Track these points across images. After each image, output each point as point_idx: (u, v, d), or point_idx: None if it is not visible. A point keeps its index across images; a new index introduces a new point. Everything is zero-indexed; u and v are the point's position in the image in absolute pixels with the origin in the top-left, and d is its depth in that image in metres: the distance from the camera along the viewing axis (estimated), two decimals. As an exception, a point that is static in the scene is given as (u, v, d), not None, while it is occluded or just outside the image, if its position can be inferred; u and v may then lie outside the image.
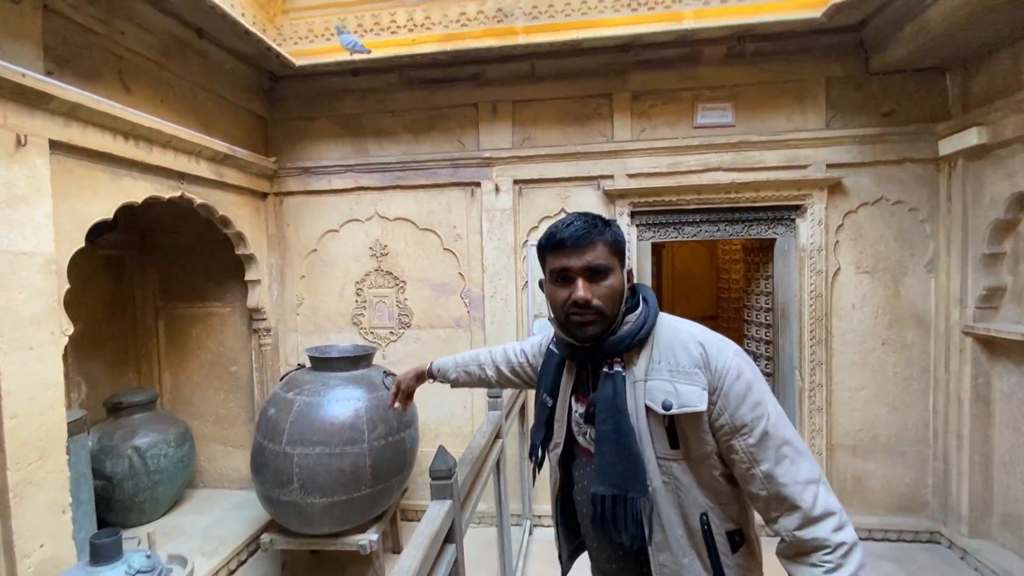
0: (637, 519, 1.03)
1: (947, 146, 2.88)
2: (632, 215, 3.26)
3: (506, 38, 3.02)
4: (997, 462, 2.85)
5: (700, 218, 3.24)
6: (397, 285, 3.55)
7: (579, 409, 1.18)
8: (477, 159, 3.37)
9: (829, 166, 3.08)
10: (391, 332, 3.57)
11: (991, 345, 2.84)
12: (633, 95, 3.24)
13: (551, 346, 1.29)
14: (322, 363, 2.87)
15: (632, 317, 1.09)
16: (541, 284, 1.22)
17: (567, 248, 1.05)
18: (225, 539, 3.02)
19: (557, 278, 1.09)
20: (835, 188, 3.09)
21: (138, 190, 2.50)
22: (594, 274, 1.05)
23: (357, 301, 3.59)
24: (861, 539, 3.27)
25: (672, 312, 1.17)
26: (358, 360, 2.90)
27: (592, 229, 1.06)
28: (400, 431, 2.77)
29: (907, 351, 3.12)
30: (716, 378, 1.00)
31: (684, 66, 3.17)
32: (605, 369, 1.08)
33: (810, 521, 0.94)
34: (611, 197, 3.25)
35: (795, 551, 0.97)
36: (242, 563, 3.04)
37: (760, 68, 3.12)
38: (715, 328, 1.13)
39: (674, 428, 1.02)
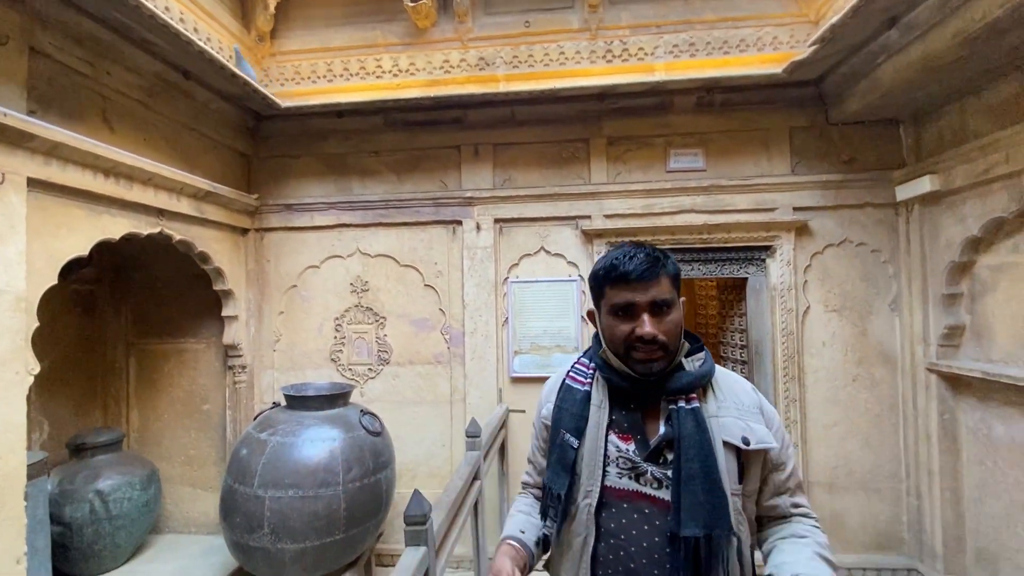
0: (724, 557, 1.00)
1: (903, 192, 3.05)
2: (609, 254, 3.34)
3: (487, 85, 3.14)
4: (967, 497, 2.91)
5: (675, 257, 3.33)
6: (377, 321, 3.55)
7: (626, 447, 1.07)
8: (459, 199, 3.44)
9: (795, 209, 3.23)
10: (370, 369, 3.54)
11: (955, 382, 2.94)
12: (609, 140, 3.38)
13: (567, 381, 1.18)
14: (298, 402, 2.82)
15: (700, 356, 1.12)
16: (591, 315, 1.19)
17: (632, 282, 1.04)
18: (189, 589, 2.89)
19: (619, 311, 1.06)
20: (802, 230, 3.22)
21: (116, 227, 2.49)
22: (658, 309, 1.04)
23: (336, 337, 3.56)
24: (840, 579, 3.11)
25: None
26: (335, 399, 2.86)
27: (656, 263, 1.05)
28: (376, 472, 2.71)
29: (876, 388, 3.21)
30: (768, 421, 1.11)
31: (656, 114, 3.33)
32: (682, 404, 1.05)
33: (809, 516, 1.13)
34: (589, 237, 3.34)
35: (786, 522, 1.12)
36: (206, 615, 2.89)
37: (728, 117, 3.29)
38: None
39: (740, 464, 1.06)
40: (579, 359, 1.21)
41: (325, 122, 3.53)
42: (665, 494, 1.03)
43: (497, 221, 3.43)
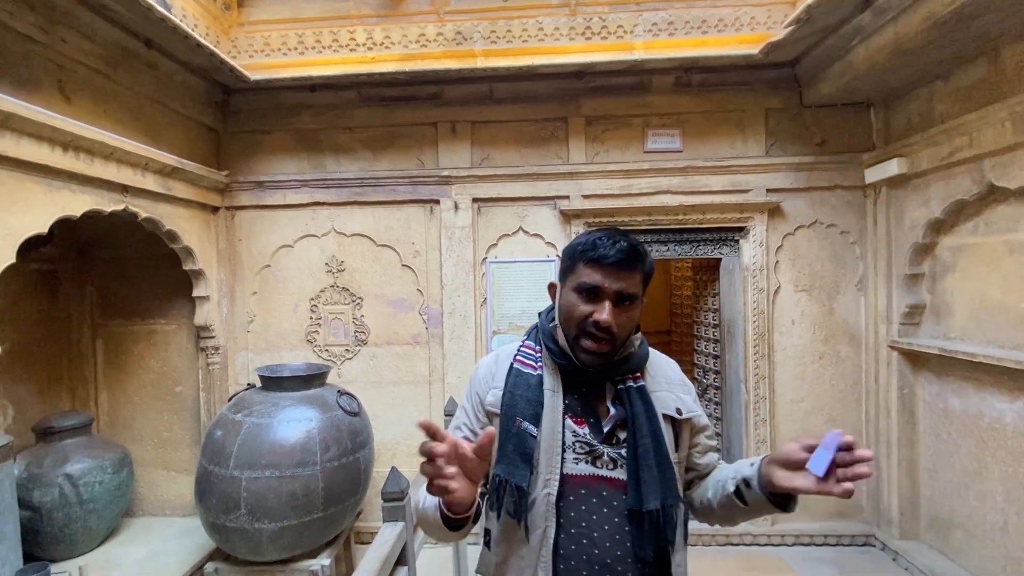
0: (676, 524, 1.04)
1: (872, 175, 3.12)
2: (587, 234, 3.35)
3: (465, 61, 3.08)
4: (922, 467, 3.07)
5: (651, 238, 3.37)
6: (354, 301, 3.51)
7: (583, 432, 1.06)
8: (436, 177, 3.40)
9: (769, 191, 3.28)
10: (347, 350, 3.52)
11: (914, 358, 3.07)
12: (587, 120, 3.36)
13: (516, 365, 1.12)
14: (273, 382, 2.80)
15: (637, 337, 1.14)
16: (551, 287, 1.17)
17: (606, 266, 1.01)
18: (165, 571, 2.86)
19: (584, 291, 1.04)
20: (774, 211, 3.29)
21: (77, 203, 2.39)
22: (622, 300, 1.03)
23: (312, 318, 3.52)
24: (803, 545, 3.39)
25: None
26: (311, 379, 2.84)
27: (636, 256, 1.04)
28: (354, 452, 2.72)
29: (841, 365, 3.33)
30: (689, 391, 1.18)
31: (635, 94, 3.32)
32: (630, 383, 1.08)
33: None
34: (567, 217, 3.35)
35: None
36: (184, 595, 2.89)
37: (705, 97, 3.31)
38: (668, 343, 1.23)
39: (675, 433, 1.11)
40: (524, 342, 1.18)
41: (297, 96, 3.42)
42: (620, 473, 1.04)
43: (475, 200, 3.41)
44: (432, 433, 0.83)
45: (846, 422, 3.32)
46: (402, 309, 3.50)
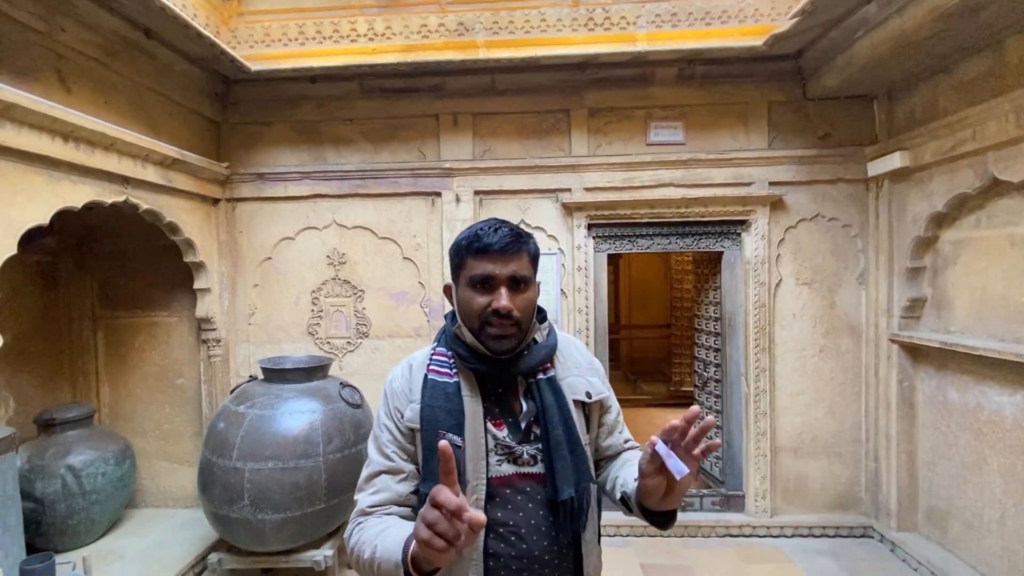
0: (590, 504, 1.07)
1: (874, 168, 3.12)
2: (589, 227, 3.36)
3: (467, 52, 3.06)
4: (921, 460, 3.09)
5: (653, 231, 3.37)
6: (355, 294, 3.51)
7: (502, 434, 1.06)
8: (438, 169, 3.39)
9: (771, 184, 3.28)
10: (348, 342, 3.52)
11: (914, 352, 3.08)
12: (590, 112, 3.35)
13: (431, 375, 1.09)
14: (275, 374, 2.80)
15: (545, 326, 1.16)
16: (447, 290, 1.14)
17: (492, 254, 1.02)
18: (168, 561, 2.87)
19: (478, 284, 1.03)
20: (777, 204, 3.28)
21: (78, 194, 2.38)
22: (516, 284, 1.04)
23: (313, 310, 3.52)
24: (802, 536, 3.41)
25: (629, 319, 1.22)
26: (313, 371, 2.85)
27: (519, 238, 1.05)
28: (356, 443, 2.72)
29: (842, 358, 3.34)
30: (597, 372, 1.22)
31: (638, 85, 3.30)
32: (540, 376, 1.09)
33: (636, 447, 1.24)
34: (569, 210, 3.34)
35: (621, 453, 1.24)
36: (187, 585, 2.90)
37: (708, 90, 3.29)
38: (669, 336, 1.22)
39: (585, 416, 1.15)
40: (436, 348, 1.15)
41: (298, 87, 3.40)
42: (540, 468, 1.05)
43: (477, 193, 3.40)
44: (449, 470, 0.76)
45: (846, 415, 3.34)
46: (404, 302, 3.50)
